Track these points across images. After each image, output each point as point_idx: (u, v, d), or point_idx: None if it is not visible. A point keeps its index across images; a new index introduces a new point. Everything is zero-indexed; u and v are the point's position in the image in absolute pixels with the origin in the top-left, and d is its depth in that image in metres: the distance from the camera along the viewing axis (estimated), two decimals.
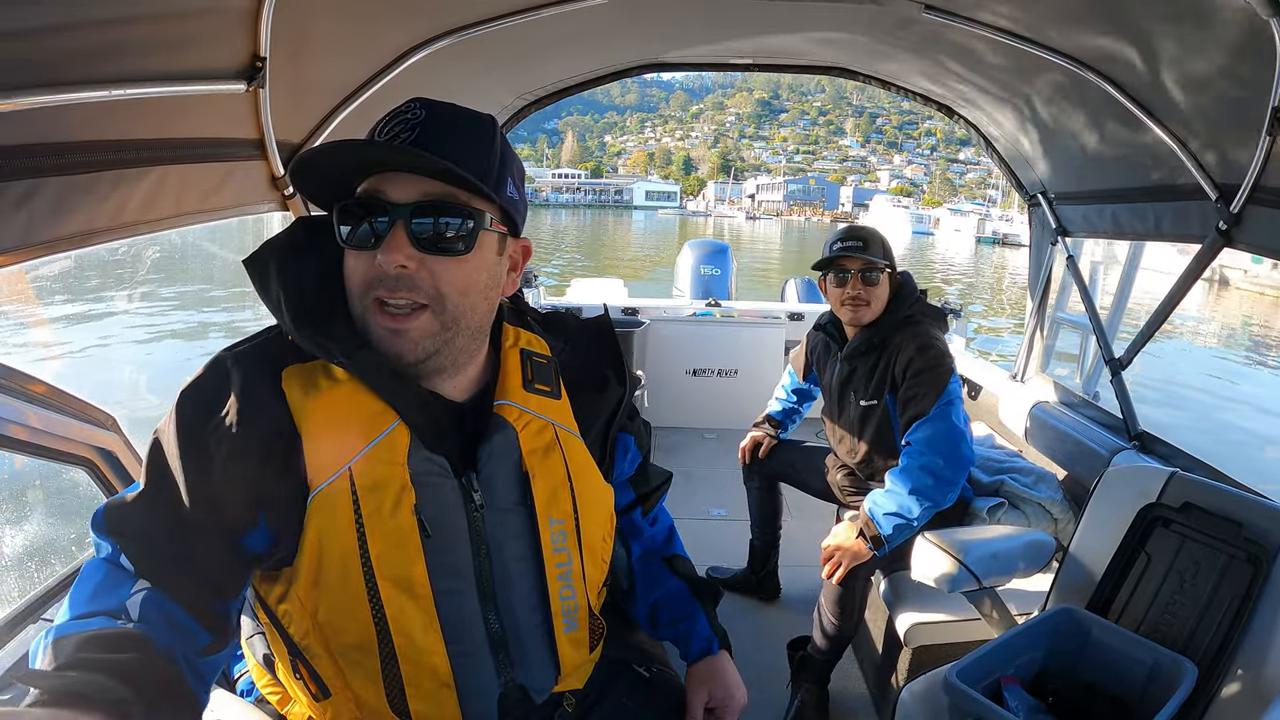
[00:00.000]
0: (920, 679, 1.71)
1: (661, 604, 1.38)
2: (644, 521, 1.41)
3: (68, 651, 0.79)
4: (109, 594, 0.87)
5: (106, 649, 0.81)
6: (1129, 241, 2.72)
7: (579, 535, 1.12)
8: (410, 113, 0.99)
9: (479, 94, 2.96)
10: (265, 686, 1.18)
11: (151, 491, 0.92)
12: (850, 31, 2.64)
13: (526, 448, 1.08)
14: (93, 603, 0.86)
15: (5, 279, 6.84)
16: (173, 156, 1.44)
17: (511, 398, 1.09)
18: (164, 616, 0.88)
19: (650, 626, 1.41)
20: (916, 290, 2.48)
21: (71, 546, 1.71)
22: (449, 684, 1.04)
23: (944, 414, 2.22)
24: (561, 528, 1.10)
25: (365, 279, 0.96)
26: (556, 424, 1.13)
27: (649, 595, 1.39)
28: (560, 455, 1.11)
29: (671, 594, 1.38)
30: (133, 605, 0.87)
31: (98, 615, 0.85)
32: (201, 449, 0.91)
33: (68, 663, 0.78)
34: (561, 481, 1.11)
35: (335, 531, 0.95)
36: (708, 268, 6.23)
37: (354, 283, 0.98)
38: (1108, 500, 1.80)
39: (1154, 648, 1.50)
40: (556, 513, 1.10)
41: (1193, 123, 1.91)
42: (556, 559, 1.10)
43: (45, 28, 1.00)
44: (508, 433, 1.07)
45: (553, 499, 1.09)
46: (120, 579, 0.89)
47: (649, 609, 1.39)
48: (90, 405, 1.53)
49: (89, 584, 0.88)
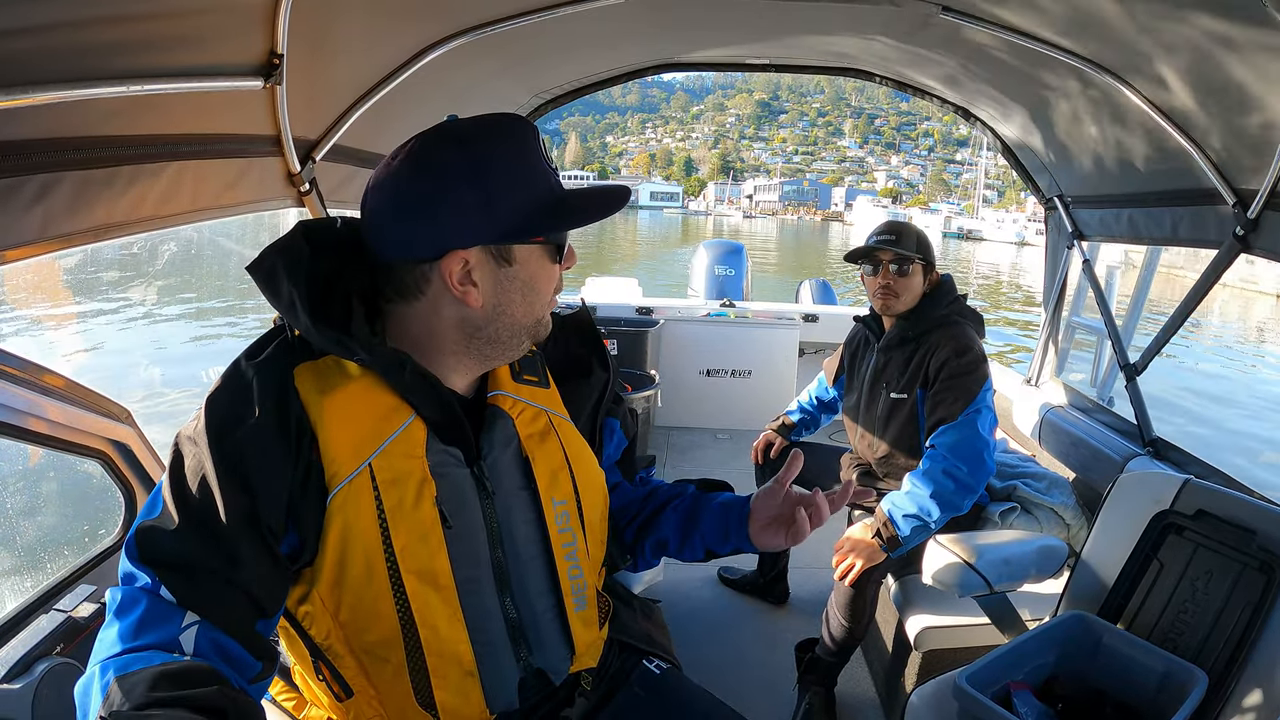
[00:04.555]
0: (930, 683, 1.70)
1: (705, 522, 1.30)
2: (630, 486, 1.41)
3: (140, 690, 0.76)
4: (158, 628, 0.85)
5: (181, 685, 0.78)
6: (1145, 246, 2.70)
7: (581, 515, 1.16)
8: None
9: (495, 92, 2.96)
10: (280, 693, 1.19)
11: (184, 512, 0.88)
12: (866, 33, 2.63)
13: (524, 433, 1.12)
14: (141, 636, 0.84)
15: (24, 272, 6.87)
16: (190, 152, 1.44)
17: (504, 388, 1.13)
18: (218, 650, 0.87)
19: (706, 545, 1.32)
20: (955, 291, 2.48)
21: (84, 538, 1.72)
22: (473, 673, 1.05)
23: (971, 422, 2.21)
24: (564, 508, 1.14)
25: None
26: (549, 411, 1.17)
27: (694, 524, 1.31)
28: (556, 439, 1.15)
29: (713, 511, 1.30)
30: (186, 640, 0.85)
31: (151, 649, 0.83)
32: (237, 459, 0.89)
33: (145, 702, 0.75)
34: (560, 464, 1.15)
35: (358, 528, 0.96)
36: (722, 268, 6.21)
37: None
38: (1121, 506, 1.78)
39: (1165, 655, 1.49)
40: (559, 494, 1.14)
41: (1211, 127, 1.90)
42: (562, 539, 1.13)
43: (64, 23, 1.01)
44: (505, 421, 1.11)
45: (553, 481, 1.13)
46: (165, 611, 0.86)
47: (699, 534, 1.31)
48: (105, 398, 1.54)
49: (131, 615, 0.85)
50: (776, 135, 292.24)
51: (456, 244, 0.98)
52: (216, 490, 0.88)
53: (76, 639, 1.32)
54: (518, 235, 1.00)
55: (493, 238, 0.99)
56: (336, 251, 1.03)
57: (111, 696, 0.77)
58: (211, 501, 0.88)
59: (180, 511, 0.89)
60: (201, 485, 0.89)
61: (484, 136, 1.00)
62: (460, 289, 0.99)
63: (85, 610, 1.36)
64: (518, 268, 1.02)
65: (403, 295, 1.02)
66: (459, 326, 1.03)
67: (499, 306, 1.03)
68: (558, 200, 1.03)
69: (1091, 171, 2.71)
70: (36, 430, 1.34)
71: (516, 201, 1.00)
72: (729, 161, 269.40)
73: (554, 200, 1.03)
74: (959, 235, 79.12)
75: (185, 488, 0.89)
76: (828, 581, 2.32)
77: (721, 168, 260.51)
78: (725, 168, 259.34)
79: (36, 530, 1.99)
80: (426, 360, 1.04)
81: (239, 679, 0.88)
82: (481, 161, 0.98)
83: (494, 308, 1.03)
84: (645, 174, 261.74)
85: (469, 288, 1.00)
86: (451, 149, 0.99)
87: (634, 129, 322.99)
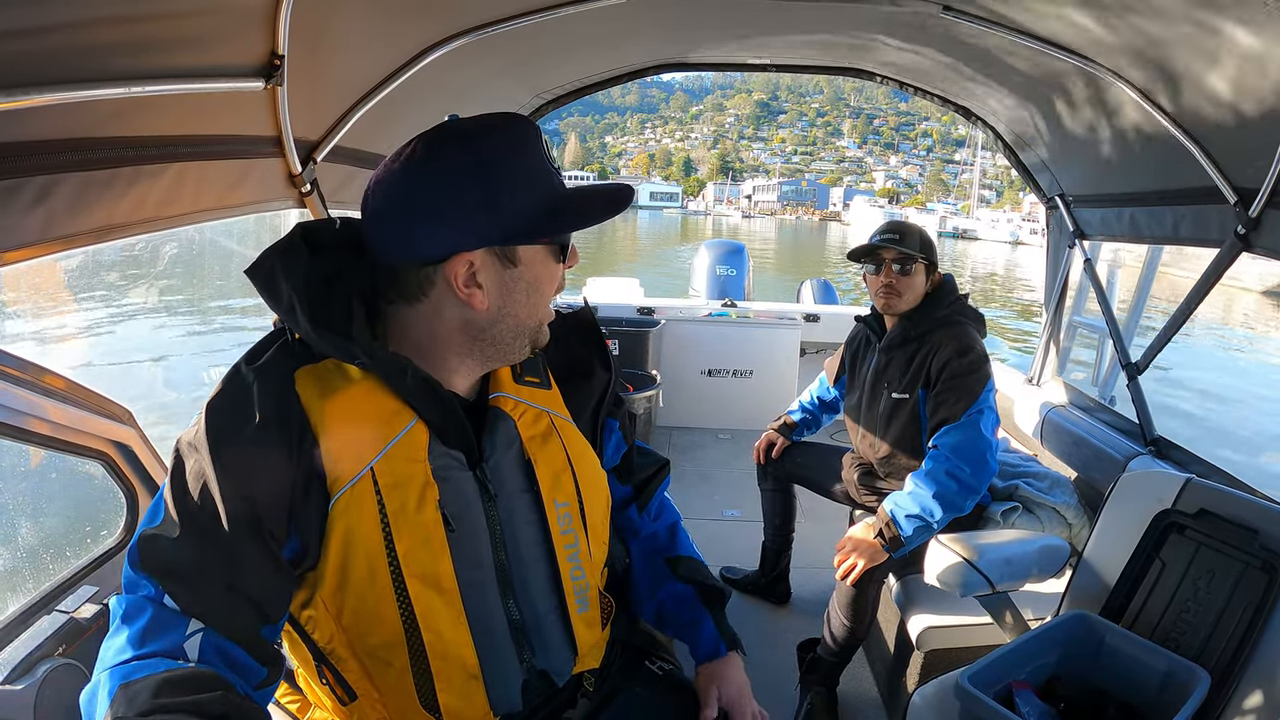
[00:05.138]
0: (932, 683, 1.70)
1: (667, 607, 1.38)
2: (643, 518, 1.42)
3: (145, 697, 0.77)
4: (162, 635, 0.84)
5: (186, 691, 0.79)
6: (1147, 245, 2.70)
7: (583, 516, 1.16)
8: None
9: (497, 93, 2.96)
10: (284, 696, 1.19)
11: (185, 518, 0.88)
12: (868, 32, 2.63)
13: (526, 435, 1.12)
14: (146, 644, 0.83)
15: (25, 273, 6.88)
16: (191, 153, 1.44)
17: (505, 390, 1.13)
18: (223, 657, 0.87)
19: (657, 625, 1.41)
20: (956, 291, 2.48)
21: (86, 539, 1.72)
22: (477, 675, 1.05)
23: (973, 422, 2.21)
24: (567, 509, 1.14)
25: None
26: (551, 412, 1.17)
27: (654, 596, 1.39)
28: (559, 440, 1.15)
29: (677, 597, 1.38)
30: (190, 648, 0.85)
31: (156, 656, 0.83)
32: (238, 465, 0.89)
33: (149, 709, 0.76)
34: (563, 465, 1.15)
35: (361, 532, 0.96)
36: (724, 268, 6.22)
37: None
38: (1123, 506, 1.78)
39: (1167, 655, 1.49)
40: (561, 495, 1.13)
41: (1212, 126, 1.90)
42: (565, 540, 1.13)
43: (65, 24, 1.01)
44: (507, 423, 1.11)
45: (556, 482, 1.13)
46: (169, 619, 0.85)
47: (655, 610, 1.39)
48: (107, 399, 1.53)
49: (136, 624, 0.85)
50: (775, 135, 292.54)
51: (462, 246, 0.97)
52: (218, 496, 0.88)
53: (78, 640, 1.32)
54: (523, 236, 1.00)
55: (498, 239, 0.98)
56: (336, 253, 1.03)
57: (116, 703, 0.77)
58: (213, 508, 0.88)
59: (182, 518, 0.88)
60: (203, 491, 0.88)
61: (487, 136, 0.99)
62: (465, 291, 0.99)
63: (87, 611, 1.36)
64: (522, 269, 1.02)
65: (405, 297, 1.02)
66: (462, 329, 1.03)
67: (503, 308, 1.02)
68: (563, 200, 1.03)
69: (1092, 170, 2.71)
70: (38, 431, 1.34)
71: (521, 202, 0.99)
72: (728, 162, 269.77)
73: (559, 200, 1.02)
74: (954, 235, 79.80)
75: (186, 494, 0.89)
76: (829, 581, 2.32)
77: (720, 168, 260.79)
78: (724, 168, 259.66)
79: (38, 531, 1.99)
80: (428, 362, 1.03)
81: (244, 685, 0.88)
82: (485, 161, 0.97)
83: (499, 309, 1.02)
84: (645, 174, 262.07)
85: (474, 290, 0.99)
86: (454, 149, 0.98)
87: (633, 129, 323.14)
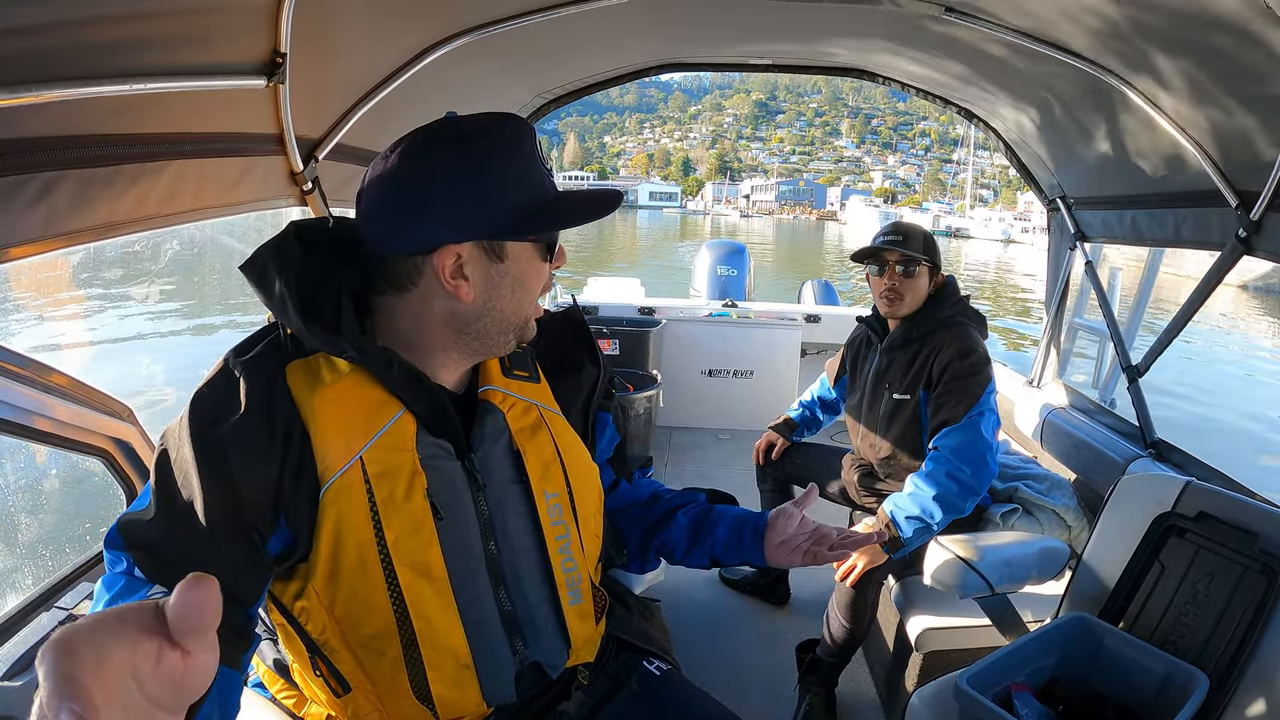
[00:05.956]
0: (930, 684, 1.70)
1: (713, 530, 1.35)
2: (629, 486, 1.44)
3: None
4: (126, 599, 0.85)
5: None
6: (1148, 247, 2.70)
7: (574, 508, 1.17)
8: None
9: (497, 92, 2.97)
10: (280, 691, 1.19)
11: (164, 502, 0.90)
12: (869, 33, 2.63)
13: (515, 427, 1.14)
14: (111, 605, 0.84)
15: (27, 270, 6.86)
16: (193, 151, 1.45)
17: (494, 383, 1.15)
18: None
19: (705, 557, 1.36)
20: (959, 292, 2.48)
21: (86, 536, 1.73)
22: (469, 665, 1.06)
23: (974, 424, 2.20)
24: (557, 501, 1.15)
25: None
26: (540, 404, 1.19)
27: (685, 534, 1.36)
28: (547, 432, 1.17)
29: (697, 512, 1.37)
30: None
31: None
32: (219, 454, 0.90)
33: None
34: (552, 457, 1.16)
35: (351, 522, 0.97)
36: (725, 268, 6.22)
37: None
38: (1122, 508, 1.78)
39: (1166, 658, 1.49)
40: (550, 486, 1.15)
41: (1214, 128, 1.89)
42: (555, 531, 1.15)
43: (67, 22, 1.01)
44: (496, 415, 1.13)
45: (545, 473, 1.14)
46: (136, 586, 0.87)
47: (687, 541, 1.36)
48: (107, 396, 1.54)
49: (107, 596, 0.87)
50: (774, 135, 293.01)
51: (450, 238, 0.99)
52: (197, 484, 0.89)
53: None
54: (511, 232, 1.02)
55: (486, 233, 1.01)
56: (329, 251, 1.05)
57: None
58: (192, 494, 0.89)
59: (160, 503, 0.90)
60: (184, 479, 0.90)
61: (481, 134, 1.01)
62: (452, 283, 1.01)
63: (86, 608, 1.36)
64: (509, 264, 1.04)
65: (395, 286, 1.04)
66: (448, 320, 1.05)
67: (489, 302, 1.04)
68: (552, 199, 1.05)
69: (1094, 172, 2.71)
70: (39, 428, 1.34)
71: (511, 199, 1.01)
72: (726, 161, 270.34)
73: (548, 199, 1.05)
74: (947, 233, 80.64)
75: (168, 481, 0.90)
76: (829, 582, 2.32)
77: (719, 168, 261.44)
78: (723, 168, 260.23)
79: (38, 528, 1.99)
80: (415, 354, 1.06)
81: None
82: (478, 158, 0.99)
83: (484, 303, 1.04)
84: (643, 174, 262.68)
85: (460, 282, 1.01)
86: (448, 145, 1.00)
87: (632, 129, 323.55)
